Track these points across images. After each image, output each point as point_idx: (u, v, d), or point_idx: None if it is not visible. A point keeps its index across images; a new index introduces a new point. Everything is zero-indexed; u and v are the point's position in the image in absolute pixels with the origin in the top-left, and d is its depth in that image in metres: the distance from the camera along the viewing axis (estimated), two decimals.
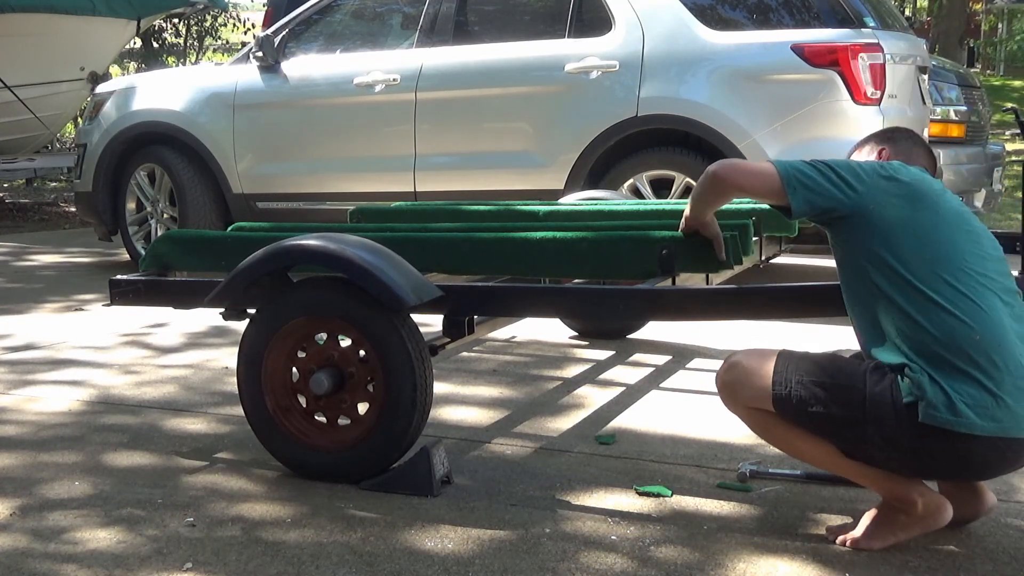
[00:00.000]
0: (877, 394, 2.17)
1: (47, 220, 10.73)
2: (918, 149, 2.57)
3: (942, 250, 2.22)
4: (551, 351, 4.41)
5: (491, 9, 6.01)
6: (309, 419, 2.80)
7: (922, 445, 2.16)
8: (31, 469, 2.90)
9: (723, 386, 2.37)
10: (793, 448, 2.36)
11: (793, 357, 2.31)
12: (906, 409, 2.14)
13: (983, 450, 2.13)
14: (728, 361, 2.36)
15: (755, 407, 2.31)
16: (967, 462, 2.18)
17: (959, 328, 2.14)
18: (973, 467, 2.21)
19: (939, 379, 2.13)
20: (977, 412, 2.10)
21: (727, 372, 2.35)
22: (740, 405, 2.35)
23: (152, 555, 2.31)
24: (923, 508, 2.26)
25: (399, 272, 2.64)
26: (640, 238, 2.86)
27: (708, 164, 5.28)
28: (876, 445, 2.21)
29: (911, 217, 2.25)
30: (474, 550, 2.33)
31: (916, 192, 2.29)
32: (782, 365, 2.28)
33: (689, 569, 2.23)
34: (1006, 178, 7.96)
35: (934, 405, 2.11)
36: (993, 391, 2.11)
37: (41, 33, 9.74)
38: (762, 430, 2.37)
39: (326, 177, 6.05)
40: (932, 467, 2.24)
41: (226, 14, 18.46)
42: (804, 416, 2.25)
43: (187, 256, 3.28)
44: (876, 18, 5.32)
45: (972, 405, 2.10)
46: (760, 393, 2.28)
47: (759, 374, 2.29)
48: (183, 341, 4.63)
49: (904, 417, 2.14)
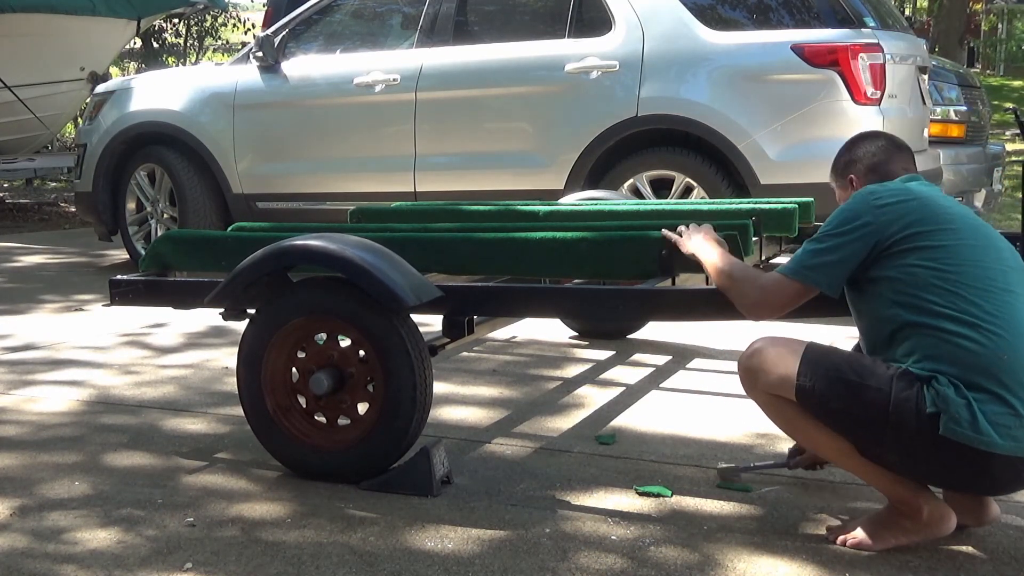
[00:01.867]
0: (902, 400, 2.15)
1: (47, 220, 10.72)
2: (881, 155, 2.51)
3: (966, 269, 2.20)
4: (551, 351, 4.41)
5: (491, 9, 6.00)
6: (309, 419, 2.80)
7: (939, 456, 2.15)
8: (31, 469, 2.90)
9: (746, 370, 2.34)
10: (808, 439, 2.35)
11: (821, 350, 2.30)
12: (928, 419, 2.13)
13: (1000, 467, 2.13)
14: (752, 346, 2.34)
15: (776, 394, 2.29)
16: (982, 477, 2.18)
17: (986, 346, 2.13)
18: (987, 482, 2.21)
19: (965, 394, 2.12)
20: (998, 431, 2.09)
21: (751, 357, 2.33)
22: (760, 391, 2.32)
23: (152, 555, 2.31)
24: (928, 516, 2.26)
25: (399, 272, 2.64)
26: (640, 238, 2.86)
27: (708, 164, 5.33)
28: (893, 450, 2.20)
29: (928, 236, 2.23)
30: (474, 550, 2.33)
31: (921, 211, 2.27)
32: (809, 356, 2.27)
33: (689, 569, 2.23)
34: (1006, 178, 7.96)
35: (956, 420, 2.10)
36: (1017, 410, 2.11)
37: (41, 33, 9.73)
38: (779, 417, 2.35)
39: (326, 177, 6.04)
40: (945, 478, 2.24)
41: (226, 14, 18.43)
42: (825, 410, 2.24)
43: (187, 256, 3.27)
44: (876, 18, 5.32)
45: (994, 423, 2.10)
46: (784, 382, 2.26)
47: (784, 363, 2.27)
48: (183, 341, 4.63)
49: (926, 427, 2.13)
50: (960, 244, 2.24)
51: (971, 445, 2.10)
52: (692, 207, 3.92)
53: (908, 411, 2.15)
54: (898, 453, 2.20)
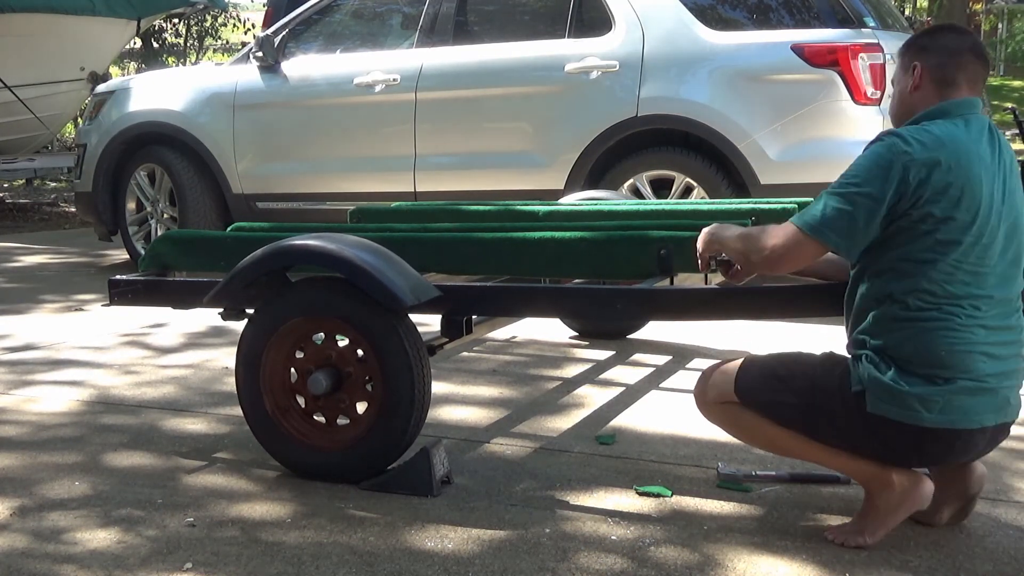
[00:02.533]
0: (824, 382, 2.26)
1: (47, 220, 10.72)
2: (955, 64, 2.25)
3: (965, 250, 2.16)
4: (551, 351, 4.40)
5: (491, 9, 6.00)
6: (308, 419, 2.80)
7: (873, 432, 2.21)
8: (31, 469, 2.90)
9: (697, 395, 2.50)
10: (764, 438, 2.41)
11: (758, 357, 2.43)
12: (854, 398, 2.21)
13: (930, 440, 2.18)
14: (701, 375, 2.49)
15: (723, 401, 2.40)
16: (918, 451, 2.23)
17: (940, 335, 2.15)
18: (926, 456, 2.26)
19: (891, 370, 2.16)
20: (925, 404, 2.14)
21: (698, 382, 2.49)
22: (710, 404, 2.45)
23: (152, 555, 2.31)
24: (900, 484, 2.28)
25: (397, 272, 2.64)
26: (639, 238, 2.86)
27: (708, 164, 5.33)
28: (832, 431, 2.28)
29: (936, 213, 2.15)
30: (474, 550, 2.33)
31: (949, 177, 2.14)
32: (747, 361, 2.41)
33: (689, 569, 2.23)
34: None
35: (878, 395, 2.17)
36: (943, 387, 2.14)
37: (41, 33, 9.73)
38: (733, 426, 2.45)
39: (326, 177, 6.04)
40: (890, 454, 2.27)
41: (226, 14, 18.44)
42: (765, 404, 2.34)
43: (187, 256, 3.28)
44: (876, 18, 5.32)
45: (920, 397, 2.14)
46: (725, 387, 2.39)
47: (724, 372, 2.42)
48: (182, 341, 4.63)
49: (852, 406, 2.21)
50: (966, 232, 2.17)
51: (895, 419, 2.16)
52: (692, 207, 3.92)
53: (831, 391, 2.24)
54: (839, 435, 2.28)
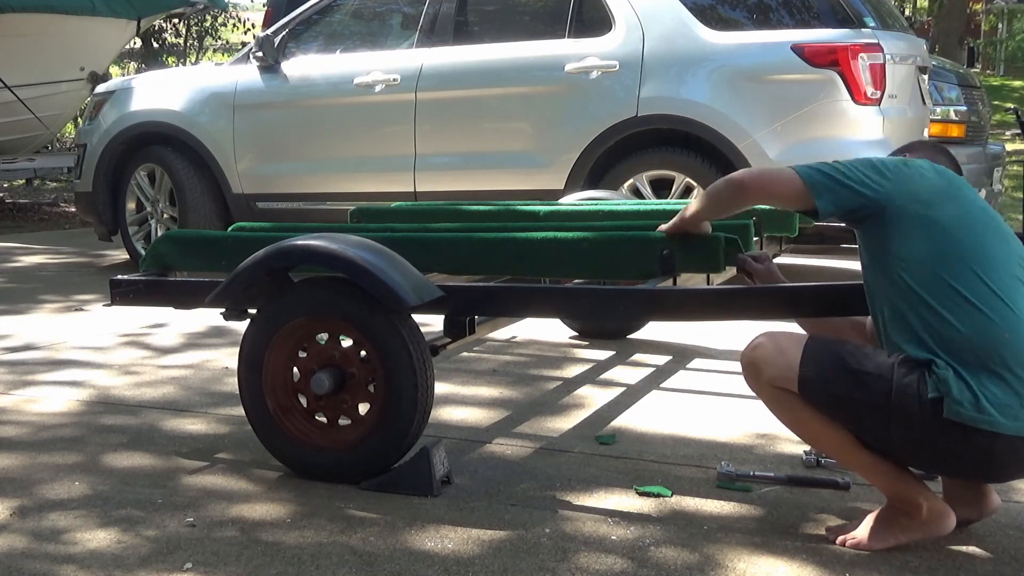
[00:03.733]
0: (904, 386, 2.16)
1: (47, 220, 10.72)
2: (940, 157, 2.55)
3: (972, 246, 2.21)
4: (551, 351, 4.41)
5: (491, 9, 6.01)
6: (310, 419, 2.80)
7: (944, 441, 2.15)
8: (30, 469, 2.90)
9: (748, 364, 2.34)
10: (809, 432, 2.34)
11: (822, 340, 2.31)
12: (931, 404, 2.14)
13: (1004, 449, 2.13)
14: (755, 341, 2.34)
15: (779, 387, 2.30)
16: (987, 461, 2.17)
17: (988, 326, 2.14)
18: (992, 467, 2.20)
19: (965, 376, 2.12)
20: (1001, 411, 2.10)
21: (754, 351, 2.33)
22: (764, 383, 2.32)
23: (152, 555, 2.31)
24: (927, 513, 2.26)
25: (400, 272, 2.64)
26: (640, 238, 2.86)
27: (708, 164, 5.34)
28: (897, 436, 2.20)
29: (940, 211, 2.24)
30: (474, 550, 2.33)
31: (942, 185, 2.30)
32: (811, 348, 2.28)
33: (689, 570, 2.23)
34: (1006, 178, 7.96)
35: (959, 401, 2.11)
36: (1018, 391, 2.11)
37: (41, 33, 9.73)
38: (782, 410, 2.34)
39: (326, 177, 6.05)
40: (950, 464, 2.23)
41: (226, 14, 18.43)
42: (828, 400, 2.24)
43: (187, 256, 3.28)
44: (876, 18, 5.32)
45: (997, 403, 2.10)
46: (787, 373, 2.27)
47: (787, 354, 2.28)
48: (183, 341, 4.63)
49: (928, 412, 2.14)
50: (969, 218, 2.24)
51: (975, 426, 2.10)
52: None
53: (911, 396, 2.15)
54: (902, 440, 2.20)
